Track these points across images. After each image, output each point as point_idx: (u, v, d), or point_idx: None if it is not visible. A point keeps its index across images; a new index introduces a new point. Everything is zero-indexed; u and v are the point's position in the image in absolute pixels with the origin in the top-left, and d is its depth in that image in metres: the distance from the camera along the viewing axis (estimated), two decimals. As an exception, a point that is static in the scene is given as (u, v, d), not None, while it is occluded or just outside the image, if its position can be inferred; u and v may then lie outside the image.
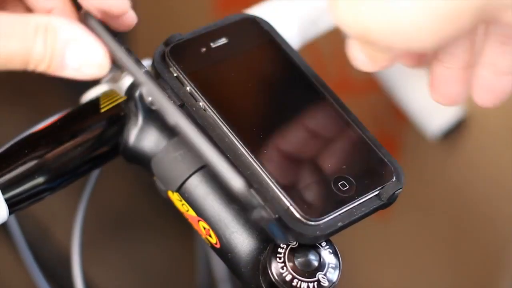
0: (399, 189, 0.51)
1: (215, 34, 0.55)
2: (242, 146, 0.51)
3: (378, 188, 0.51)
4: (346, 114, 0.54)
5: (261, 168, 0.50)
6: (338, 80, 0.55)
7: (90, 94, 0.59)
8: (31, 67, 0.48)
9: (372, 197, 0.51)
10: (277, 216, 0.48)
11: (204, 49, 0.55)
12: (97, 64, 0.49)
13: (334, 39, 0.99)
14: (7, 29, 0.47)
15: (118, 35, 0.51)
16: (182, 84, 0.52)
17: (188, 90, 0.52)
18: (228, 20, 0.56)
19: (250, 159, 0.50)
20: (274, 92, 0.55)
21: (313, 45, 0.97)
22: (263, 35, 0.56)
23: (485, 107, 0.51)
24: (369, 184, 0.51)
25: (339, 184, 0.50)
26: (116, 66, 0.50)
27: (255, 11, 0.63)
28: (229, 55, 0.55)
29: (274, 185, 0.49)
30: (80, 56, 0.49)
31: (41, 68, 0.48)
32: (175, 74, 0.53)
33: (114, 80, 0.58)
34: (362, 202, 0.50)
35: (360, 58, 0.49)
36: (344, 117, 0.54)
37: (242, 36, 0.56)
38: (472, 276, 1.13)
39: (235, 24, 0.56)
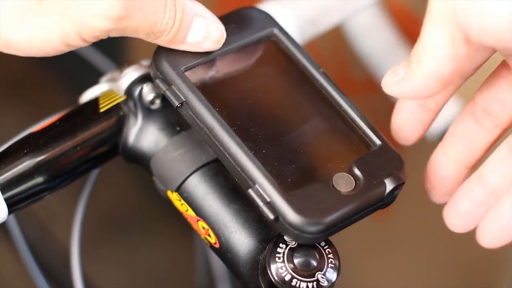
0: (399, 187, 0.51)
1: None
2: (241, 145, 0.50)
3: (379, 185, 0.51)
4: (347, 111, 0.54)
5: (259, 168, 0.50)
6: (338, 80, 0.54)
7: (89, 94, 0.59)
8: (153, 37, 0.51)
9: (373, 193, 0.50)
10: (275, 216, 0.48)
11: None
12: (216, 40, 0.53)
13: (334, 39, 0.99)
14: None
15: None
16: (183, 82, 0.52)
17: (189, 89, 0.52)
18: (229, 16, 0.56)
19: (249, 158, 0.50)
20: (275, 90, 0.55)
21: (313, 45, 0.97)
22: (265, 27, 0.56)
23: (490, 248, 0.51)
24: (369, 180, 0.50)
25: (338, 183, 0.50)
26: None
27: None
28: (230, 51, 0.55)
29: (273, 185, 0.49)
30: (203, 30, 0.52)
31: (164, 39, 0.51)
32: (175, 73, 0.53)
33: (113, 80, 0.58)
34: (363, 199, 0.50)
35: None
36: (345, 115, 0.54)
37: (243, 31, 0.55)
38: (472, 276, 1.13)
39: (235, 18, 0.56)
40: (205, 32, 0.52)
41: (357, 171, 0.51)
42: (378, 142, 0.53)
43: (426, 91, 0.48)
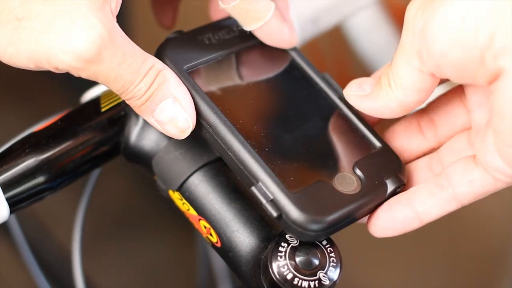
0: (401, 186, 0.51)
1: (216, 29, 0.55)
2: (244, 144, 0.50)
3: (380, 185, 0.51)
4: (348, 112, 0.54)
5: (262, 166, 0.50)
6: (338, 80, 0.55)
7: (91, 94, 0.59)
8: (125, 97, 0.50)
9: (374, 193, 0.50)
10: (279, 213, 0.48)
11: (206, 44, 0.55)
12: (180, 128, 0.51)
13: (334, 39, 0.99)
14: (126, 54, 0.48)
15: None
16: (185, 80, 0.52)
17: (191, 87, 0.52)
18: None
19: (252, 156, 0.50)
20: (277, 89, 0.55)
21: (313, 45, 0.97)
22: None
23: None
24: (371, 181, 0.51)
25: (340, 183, 0.50)
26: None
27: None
28: (231, 50, 0.55)
29: (276, 183, 0.49)
30: (170, 113, 0.51)
31: (134, 103, 0.50)
32: (177, 72, 0.53)
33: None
34: (364, 199, 0.50)
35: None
36: (346, 115, 0.54)
37: (244, 34, 0.56)
38: (472, 276, 1.13)
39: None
40: (171, 116, 0.51)
41: (358, 172, 0.51)
42: (378, 144, 0.53)
43: (388, 113, 0.51)
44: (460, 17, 0.45)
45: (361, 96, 0.52)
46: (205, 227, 0.54)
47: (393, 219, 0.51)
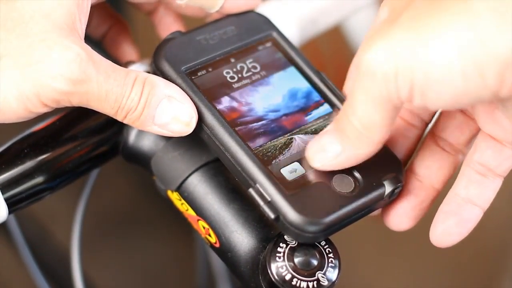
0: (399, 186, 0.51)
1: (213, 29, 0.55)
2: (242, 145, 0.50)
3: (378, 186, 0.51)
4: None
5: (260, 168, 0.50)
6: (338, 80, 0.55)
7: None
8: (121, 114, 0.50)
9: (372, 195, 0.50)
10: (276, 215, 0.48)
11: (203, 45, 0.55)
12: (185, 122, 0.51)
13: (334, 39, 0.99)
14: (108, 69, 0.49)
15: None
16: (183, 82, 0.52)
17: (189, 88, 0.52)
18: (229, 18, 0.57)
19: (249, 158, 0.50)
20: (276, 89, 0.55)
21: (313, 45, 0.97)
22: (264, 29, 0.56)
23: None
24: (368, 182, 0.51)
25: (338, 184, 0.50)
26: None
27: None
28: (229, 50, 0.55)
29: (273, 184, 0.49)
30: (171, 112, 0.51)
31: (132, 117, 0.50)
32: (175, 72, 0.53)
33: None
34: (362, 200, 0.50)
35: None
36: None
37: (242, 34, 0.56)
38: (472, 276, 1.13)
39: (235, 21, 0.56)
40: (173, 114, 0.51)
41: (356, 173, 0.51)
42: None
43: (369, 155, 0.49)
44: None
45: (332, 157, 0.49)
46: (204, 227, 0.54)
47: (464, 221, 0.51)
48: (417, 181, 0.53)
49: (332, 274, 0.50)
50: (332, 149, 0.49)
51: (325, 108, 0.54)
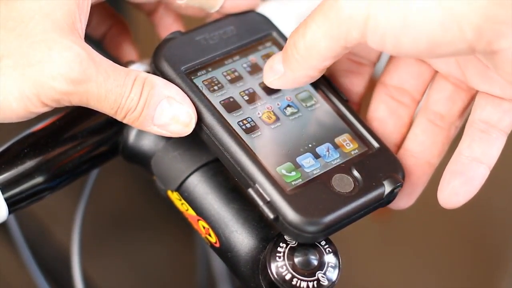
0: (399, 186, 0.51)
1: (213, 29, 0.55)
2: (241, 145, 0.50)
3: (377, 186, 0.51)
4: (346, 113, 0.54)
5: (259, 168, 0.50)
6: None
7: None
8: (121, 114, 0.50)
9: (372, 195, 0.50)
10: (275, 215, 0.48)
11: (203, 44, 0.55)
12: (185, 123, 0.51)
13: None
14: (108, 69, 0.49)
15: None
16: (182, 82, 0.52)
17: (188, 88, 0.52)
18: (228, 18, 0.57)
19: (249, 158, 0.50)
20: (273, 90, 0.55)
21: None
22: (264, 29, 0.56)
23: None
24: (368, 182, 0.51)
25: (337, 184, 0.50)
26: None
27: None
28: (229, 50, 0.55)
29: (273, 184, 0.49)
30: (171, 112, 0.51)
31: (131, 117, 0.51)
32: (175, 72, 0.53)
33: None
34: (362, 200, 0.50)
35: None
36: (344, 115, 0.54)
37: (242, 33, 0.56)
38: (472, 275, 1.13)
39: (235, 20, 0.56)
40: (172, 114, 0.51)
41: (356, 173, 0.51)
42: (376, 145, 0.53)
43: (309, 80, 0.52)
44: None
45: (278, 78, 0.52)
46: (204, 227, 0.54)
47: (471, 179, 0.51)
48: (413, 158, 0.54)
49: (332, 274, 0.50)
50: (277, 69, 0.52)
51: (325, 106, 0.54)
